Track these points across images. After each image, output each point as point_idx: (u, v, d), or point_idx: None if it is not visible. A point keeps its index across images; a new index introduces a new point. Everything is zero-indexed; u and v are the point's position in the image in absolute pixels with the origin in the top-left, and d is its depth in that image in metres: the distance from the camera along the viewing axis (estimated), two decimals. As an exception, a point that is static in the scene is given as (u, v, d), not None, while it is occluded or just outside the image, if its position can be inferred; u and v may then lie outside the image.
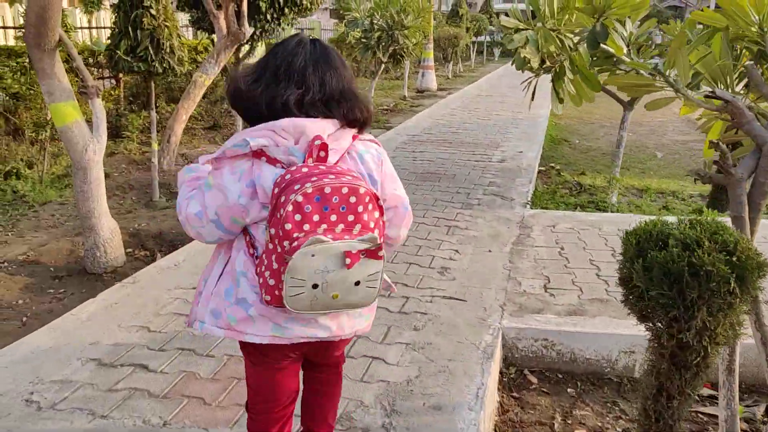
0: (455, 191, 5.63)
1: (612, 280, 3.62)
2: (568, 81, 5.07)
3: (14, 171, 6.35)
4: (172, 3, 8.61)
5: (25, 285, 4.03)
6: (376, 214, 1.51)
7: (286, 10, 8.51)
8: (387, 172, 1.67)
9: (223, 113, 10.39)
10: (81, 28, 11.64)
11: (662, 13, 28.42)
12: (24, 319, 3.55)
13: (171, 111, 9.70)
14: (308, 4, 8.70)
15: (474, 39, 25.69)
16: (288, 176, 1.46)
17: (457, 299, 3.33)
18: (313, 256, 1.40)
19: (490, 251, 4.07)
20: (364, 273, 1.48)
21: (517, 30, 5.08)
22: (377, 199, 1.51)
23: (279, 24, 8.65)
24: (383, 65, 12.22)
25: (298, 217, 1.41)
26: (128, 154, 7.65)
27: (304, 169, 1.46)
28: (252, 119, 1.59)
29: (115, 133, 8.68)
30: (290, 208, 1.40)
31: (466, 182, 5.97)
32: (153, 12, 5.38)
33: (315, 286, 1.43)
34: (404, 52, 12.28)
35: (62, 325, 3.05)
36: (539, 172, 6.75)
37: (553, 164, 7.29)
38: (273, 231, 1.46)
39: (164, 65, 5.51)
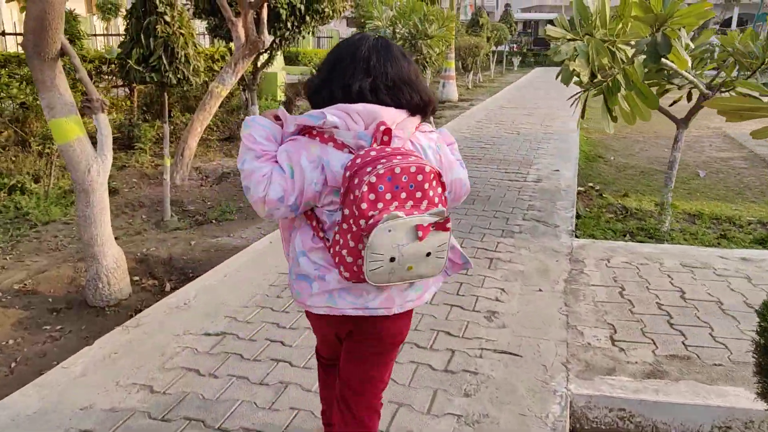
0: (492, 215, 5.15)
1: (689, 332, 3.12)
2: (621, 97, 4.60)
3: (19, 185, 5.96)
4: (188, 10, 8.26)
5: (18, 319, 3.61)
6: (440, 189, 1.60)
7: (307, 18, 8.10)
8: (445, 160, 1.75)
9: (240, 124, 10.00)
10: (96, 35, 11.32)
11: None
12: (13, 365, 3.12)
13: (186, 121, 9.33)
14: (330, 12, 8.29)
15: (494, 48, 25.24)
16: (359, 160, 1.54)
17: (511, 354, 2.85)
18: (389, 231, 1.50)
19: (540, 290, 3.58)
20: (434, 244, 1.58)
21: (565, 41, 4.63)
22: (440, 176, 1.59)
23: (299, 32, 8.25)
24: (405, 75, 11.83)
25: (372, 196, 1.50)
26: (140, 168, 7.26)
27: (373, 153, 1.54)
28: None
29: (127, 144, 8.32)
30: (365, 188, 1.49)
31: (503, 205, 5.48)
32: (167, 19, 4.98)
33: (392, 260, 1.54)
34: (427, 62, 11.86)
35: (52, 381, 2.61)
36: (578, 192, 6.25)
37: (591, 184, 6.78)
38: (347, 211, 1.54)
39: (178, 75, 5.10)
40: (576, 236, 4.69)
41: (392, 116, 1.61)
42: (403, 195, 1.53)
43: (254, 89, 8.40)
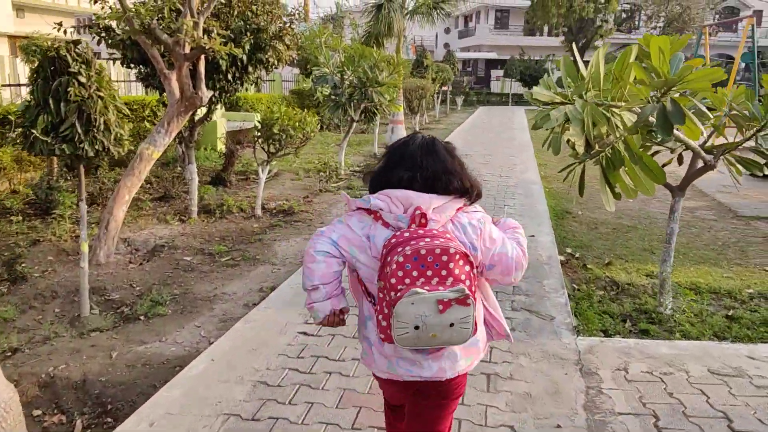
0: (474, 302, 4.48)
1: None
2: (622, 171, 4.03)
3: None
4: (113, 63, 7.36)
5: None
6: (467, 268, 1.84)
7: (250, 68, 7.35)
8: (486, 237, 1.96)
9: (176, 179, 9.05)
10: (8, 85, 10.18)
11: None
12: None
13: (116, 177, 8.32)
14: (275, 61, 7.56)
15: (439, 89, 25.14)
16: (393, 240, 1.85)
17: None
18: (413, 304, 1.78)
19: (559, 427, 2.87)
20: (457, 317, 1.81)
21: (554, 104, 4.04)
22: (467, 256, 1.84)
23: (241, 84, 7.48)
24: (354, 123, 11.17)
25: (400, 273, 1.79)
26: (57, 242, 6.24)
27: (406, 234, 1.85)
28: None
29: (44, 210, 7.28)
30: (394, 266, 1.80)
31: (483, 286, 4.83)
32: (82, 79, 4.13)
33: (417, 327, 1.80)
34: (377, 109, 11.29)
35: None
36: (561, 263, 5.65)
37: (570, 250, 6.22)
38: (382, 284, 1.86)
39: (96, 147, 4.23)
40: (578, 331, 4.03)
41: (426, 200, 1.89)
42: (429, 273, 1.79)
43: (192, 146, 7.53)
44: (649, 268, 5.72)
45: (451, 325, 1.80)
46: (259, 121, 7.65)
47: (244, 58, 7.01)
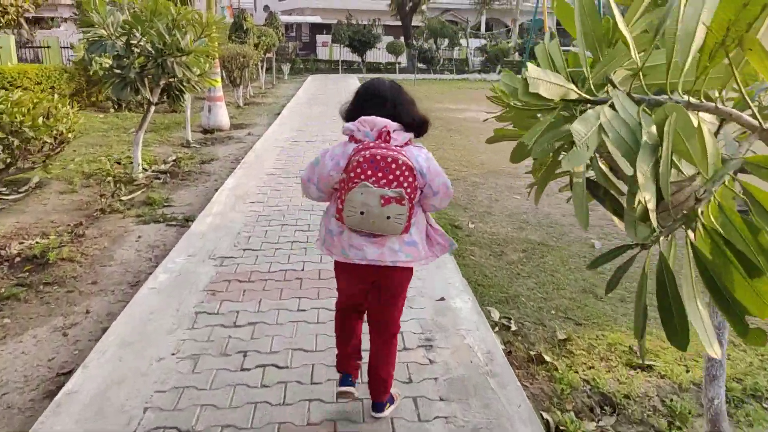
0: None
1: None
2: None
3: None
4: None
5: None
6: (410, 179, 2.38)
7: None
8: (433, 169, 2.50)
9: None
10: None
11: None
12: None
13: None
14: None
15: (263, 57, 22.09)
16: (360, 146, 2.40)
17: None
18: (362, 194, 2.35)
19: None
20: (393, 212, 2.37)
21: (574, 108, 1.73)
22: (412, 169, 2.38)
23: None
24: (152, 107, 8.12)
25: (358, 170, 2.35)
26: None
27: (371, 144, 2.40)
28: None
29: None
30: (355, 164, 2.36)
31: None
32: None
33: (362, 213, 2.38)
34: (184, 86, 8.32)
35: None
36: (508, 360, 3.46)
37: (499, 315, 4.07)
38: (344, 176, 2.42)
39: None
40: None
41: (386, 123, 2.45)
42: (380, 174, 2.34)
43: None
44: (622, 339, 3.77)
45: (388, 217, 2.37)
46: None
47: None
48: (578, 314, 4.13)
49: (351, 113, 2.58)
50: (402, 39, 35.06)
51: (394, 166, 2.33)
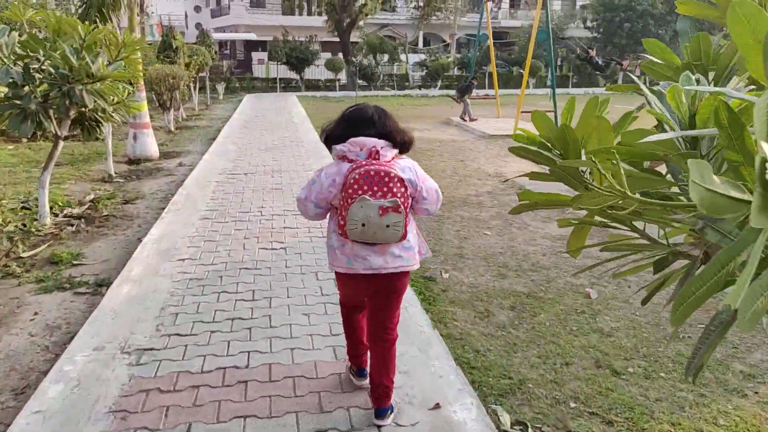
0: None
1: None
2: None
3: None
4: None
5: None
6: (403, 189, 2.61)
7: None
8: (420, 176, 2.78)
9: None
10: None
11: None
12: None
13: None
14: None
15: (195, 76, 20.77)
16: (354, 165, 2.63)
17: None
18: (361, 207, 2.55)
19: None
20: (392, 221, 2.57)
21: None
22: (403, 180, 2.62)
23: None
24: (60, 141, 6.91)
25: (356, 186, 2.56)
26: None
27: (363, 162, 2.62)
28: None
29: None
30: (352, 181, 2.57)
31: None
32: None
33: (363, 225, 2.56)
34: (100, 117, 7.14)
35: None
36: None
37: (519, 423, 3.15)
38: (343, 194, 2.61)
39: None
40: None
41: (375, 142, 2.68)
42: (375, 188, 2.56)
43: None
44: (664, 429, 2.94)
45: (387, 226, 2.57)
46: None
47: None
48: (602, 405, 3.28)
49: (339, 136, 2.77)
50: (341, 55, 34.24)
51: (386, 179, 2.57)
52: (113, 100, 6.88)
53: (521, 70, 36.31)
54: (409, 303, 4.39)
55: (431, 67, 34.84)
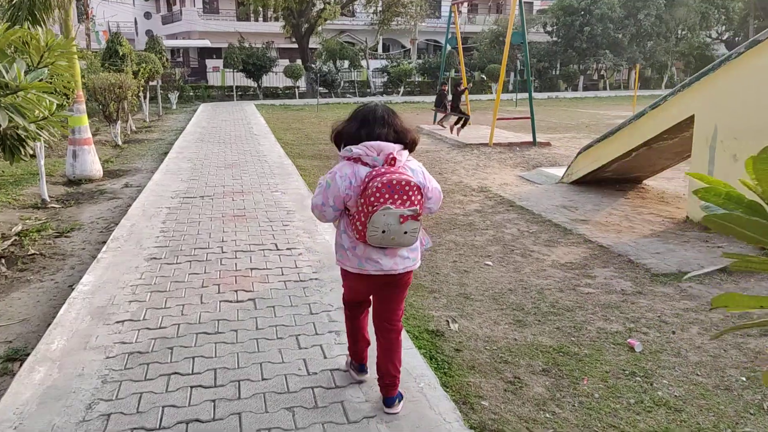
0: None
1: None
2: None
3: None
4: None
5: None
6: (420, 196, 2.74)
7: None
8: (427, 177, 2.90)
9: None
10: None
11: None
12: None
13: None
14: None
15: (144, 85, 19.37)
16: (374, 172, 2.70)
17: None
18: (384, 215, 2.64)
19: None
20: (410, 228, 2.70)
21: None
22: (420, 188, 2.74)
23: None
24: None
25: (378, 194, 2.64)
26: None
27: (382, 170, 2.70)
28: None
29: None
30: (374, 189, 2.64)
31: None
32: None
33: (384, 231, 2.67)
34: (22, 137, 5.92)
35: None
36: None
37: None
38: (363, 200, 2.69)
39: None
40: None
41: (393, 147, 2.79)
42: (396, 196, 2.66)
43: None
44: None
45: (405, 233, 2.70)
46: None
47: None
48: None
49: (352, 135, 2.87)
50: (299, 62, 33.06)
51: (407, 188, 2.69)
52: (37, 115, 5.69)
53: (483, 76, 35.76)
54: (421, 378, 3.38)
55: (393, 73, 33.99)
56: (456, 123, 15.37)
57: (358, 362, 3.33)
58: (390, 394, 3.02)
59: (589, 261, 5.81)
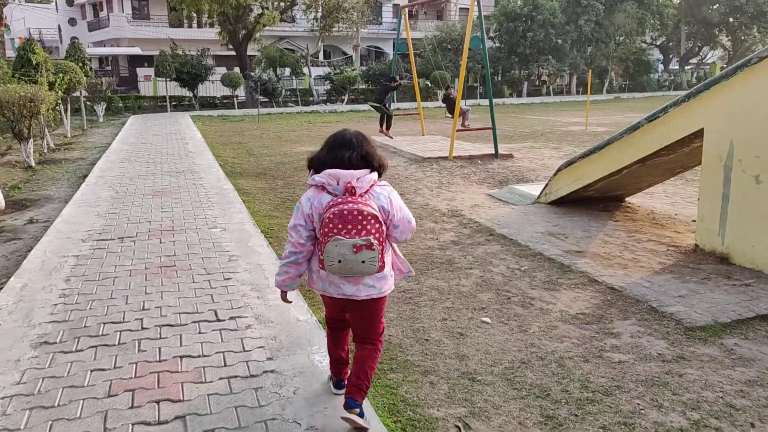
0: None
1: None
2: None
3: None
4: None
5: None
6: (377, 225, 2.75)
7: None
8: (395, 204, 2.89)
9: None
10: None
11: None
12: None
13: None
14: None
15: (64, 96, 17.46)
16: (331, 202, 2.75)
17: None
18: (336, 246, 2.69)
19: None
20: (366, 257, 2.72)
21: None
22: (377, 217, 2.75)
23: None
24: None
25: (330, 225, 2.71)
26: None
27: (339, 200, 2.74)
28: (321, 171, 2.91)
29: None
30: (327, 220, 2.72)
31: None
32: None
33: (339, 261, 2.72)
34: None
35: None
36: None
37: None
38: (320, 231, 2.77)
39: None
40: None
41: (351, 175, 2.78)
42: (349, 226, 2.69)
43: None
44: None
45: (363, 262, 2.72)
46: None
47: None
48: None
49: (321, 160, 2.90)
50: (237, 70, 31.39)
51: (360, 217, 2.70)
52: None
53: (428, 83, 34.94)
54: None
55: (336, 81, 32.77)
56: (381, 122, 15.29)
57: (336, 377, 3.38)
58: (352, 395, 3.00)
59: (605, 311, 4.77)
